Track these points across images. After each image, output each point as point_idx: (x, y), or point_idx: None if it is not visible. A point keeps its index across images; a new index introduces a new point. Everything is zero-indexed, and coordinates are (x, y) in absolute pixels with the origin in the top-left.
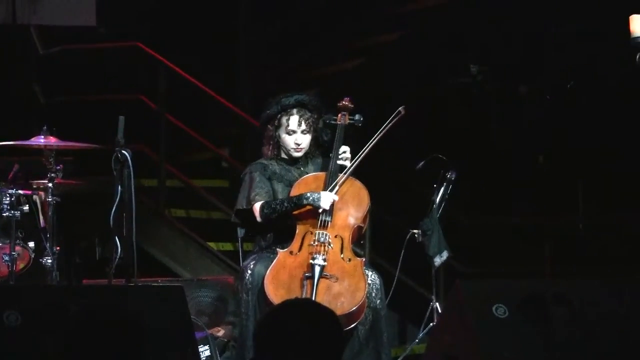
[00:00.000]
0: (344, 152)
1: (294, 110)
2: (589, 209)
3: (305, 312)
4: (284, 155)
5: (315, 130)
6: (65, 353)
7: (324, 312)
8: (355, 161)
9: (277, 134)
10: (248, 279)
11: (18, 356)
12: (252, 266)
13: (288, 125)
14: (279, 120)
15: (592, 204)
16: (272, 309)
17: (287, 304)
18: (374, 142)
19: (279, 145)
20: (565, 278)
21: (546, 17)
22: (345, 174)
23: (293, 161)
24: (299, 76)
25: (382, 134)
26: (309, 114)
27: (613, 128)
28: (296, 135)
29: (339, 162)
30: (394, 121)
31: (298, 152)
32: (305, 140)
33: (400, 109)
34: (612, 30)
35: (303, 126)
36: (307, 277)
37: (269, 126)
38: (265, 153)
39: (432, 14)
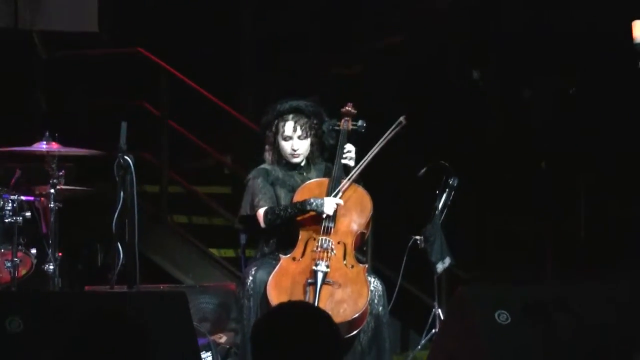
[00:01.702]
0: (349, 151)
1: (290, 116)
2: (591, 214)
3: (301, 315)
4: (285, 161)
5: (315, 136)
6: (66, 359)
7: (321, 315)
8: (357, 169)
9: (275, 139)
10: (250, 285)
11: None
12: (253, 272)
13: (284, 132)
14: (276, 126)
15: (594, 208)
16: (267, 312)
17: (283, 307)
18: (375, 152)
19: (278, 151)
20: (568, 283)
21: (549, 20)
22: (348, 180)
23: (295, 166)
24: (302, 82)
25: (383, 143)
26: (306, 120)
27: (615, 133)
28: (292, 141)
29: (343, 161)
30: (395, 131)
31: (295, 157)
32: (302, 146)
33: (401, 118)
34: (615, 32)
35: (299, 132)
36: (310, 284)
37: (267, 132)
38: (268, 159)
39: (434, 19)
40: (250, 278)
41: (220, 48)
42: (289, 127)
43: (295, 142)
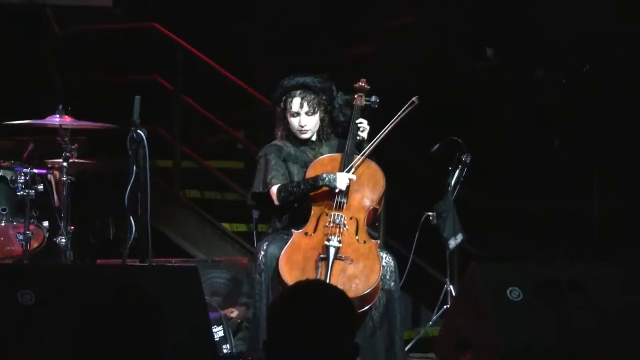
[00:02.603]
0: (362, 123)
1: (297, 92)
2: (604, 193)
3: (317, 293)
4: (295, 137)
5: (325, 111)
6: (78, 332)
7: (336, 294)
8: (370, 147)
9: (284, 116)
10: (261, 259)
11: (32, 335)
12: (265, 247)
13: (291, 108)
14: (284, 102)
15: (608, 187)
16: (283, 291)
17: (299, 286)
18: (387, 130)
19: (288, 127)
20: (580, 262)
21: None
22: (361, 156)
23: (307, 142)
24: (315, 59)
25: (395, 122)
26: (313, 96)
27: (629, 112)
28: (300, 118)
29: (358, 133)
30: (407, 111)
31: (303, 134)
32: (310, 121)
33: (414, 98)
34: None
35: (306, 108)
36: (322, 259)
37: (277, 108)
38: (279, 134)
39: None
40: (262, 253)
41: (235, 23)
42: (295, 103)
43: (303, 118)
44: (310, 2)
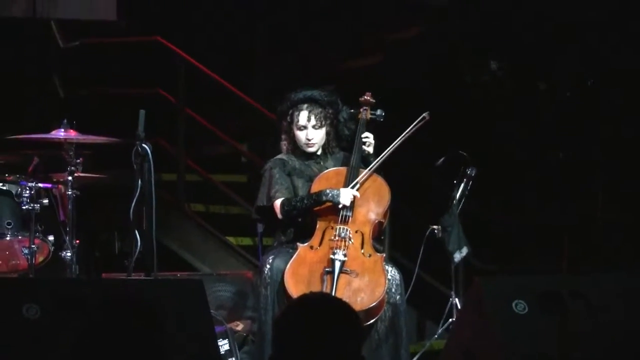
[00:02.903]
0: (367, 137)
1: (304, 106)
2: (608, 205)
3: (322, 306)
4: (301, 150)
5: (331, 125)
6: (83, 346)
7: (342, 306)
8: (377, 162)
9: (290, 129)
10: (267, 273)
11: (37, 349)
12: (271, 261)
13: (298, 121)
14: (291, 116)
15: (611, 199)
16: (289, 305)
17: (304, 299)
18: (395, 145)
19: (294, 140)
20: (584, 274)
21: (566, 11)
22: (367, 172)
23: (312, 156)
24: (317, 71)
25: (404, 138)
26: (320, 109)
27: (633, 123)
28: (307, 131)
29: (363, 147)
30: (417, 126)
31: (310, 147)
32: (317, 135)
33: (424, 114)
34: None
35: (313, 121)
36: (327, 272)
37: (283, 122)
38: (284, 148)
39: (451, 11)
40: (268, 266)
41: (237, 36)
42: (303, 116)
43: (310, 132)
44: (313, 15)
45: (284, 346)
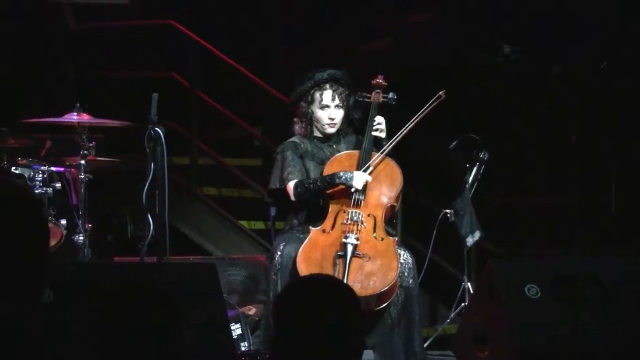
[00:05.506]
0: (379, 123)
1: (327, 85)
2: (622, 189)
3: (319, 286)
4: (316, 133)
5: (347, 107)
6: (96, 329)
7: (340, 287)
8: (391, 143)
9: (310, 110)
10: (277, 259)
11: (49, 332)
12: (281, 247)
13: (322, 100)
14: (312, 95)
15: (625, 184)
16: (286, 286)
17: (301, 280)
18: (411, 124)
19: (312, 122)
20: (598, 258)
21: None
22: (380, 154)
23: (325, 139)
24: (331, 54)
25: (420, 117)
26: (342, 89)
27: None
28: (330, 110)
29: (374, 133)
30: (433, 105)
31: (332, 127)
32: (338, 115)
33: (441, 93)
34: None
35: (337, 101)
36: (340, 256)
37: (301, 102)
38: (298, 131)
39: None
40: (279, 253)
41: (250, 19)
42: (327, 95)
43: (333, 111)
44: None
45: (281, 326)
